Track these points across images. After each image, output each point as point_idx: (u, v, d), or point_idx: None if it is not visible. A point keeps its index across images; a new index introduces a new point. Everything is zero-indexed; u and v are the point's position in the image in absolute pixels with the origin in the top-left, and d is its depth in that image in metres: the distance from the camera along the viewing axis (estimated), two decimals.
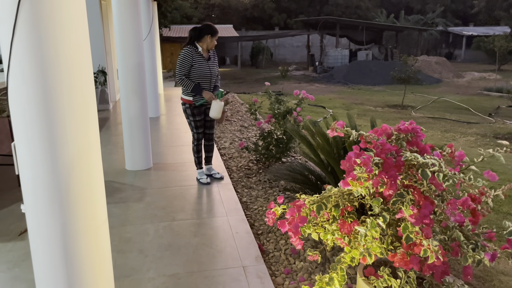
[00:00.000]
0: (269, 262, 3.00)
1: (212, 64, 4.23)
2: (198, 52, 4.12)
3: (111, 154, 5.68)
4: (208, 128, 4.45)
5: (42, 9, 1.51)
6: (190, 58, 4.09)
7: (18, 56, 1.53)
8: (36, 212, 1.66)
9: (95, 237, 1.78)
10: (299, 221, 1.85)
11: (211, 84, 4.25)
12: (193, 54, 4.09)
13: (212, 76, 4.23)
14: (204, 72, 4.14)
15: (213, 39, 4.13)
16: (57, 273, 1.72)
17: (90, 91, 1.74)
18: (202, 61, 4.14)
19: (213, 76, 4.25)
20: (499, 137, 7.90)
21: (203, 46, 4.15)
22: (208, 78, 4.20)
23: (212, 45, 4.15)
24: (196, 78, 4.14)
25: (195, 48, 4.12)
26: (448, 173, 1.76)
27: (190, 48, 4.11)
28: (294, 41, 30.75)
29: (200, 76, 4.14)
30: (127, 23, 4.73)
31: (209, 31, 4.11)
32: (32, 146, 1.61)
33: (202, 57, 4.13)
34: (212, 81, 4.26)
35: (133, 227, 3.46)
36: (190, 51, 4.10)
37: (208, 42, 4.13)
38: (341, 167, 1.96)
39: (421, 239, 1.70)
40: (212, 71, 4.22)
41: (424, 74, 17.86)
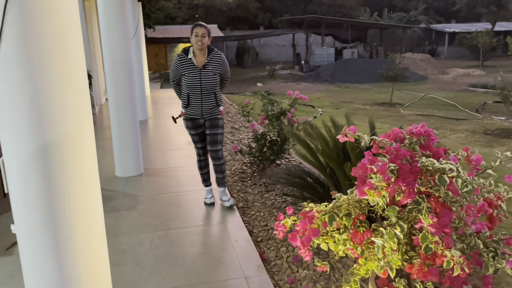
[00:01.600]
0: (271, 271, 2.90)
1: (206, 73, 3.57)
2: (187, 60, 3.57)
3: (100, 160, 5.49)
4: (210, 143, 3.74)
5: (30, 11, 1.37)
6: (176, 67, 3.62)
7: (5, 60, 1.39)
8: (29, 233, 1.52)
9: (93, 256, 1.64)
10: (312, 233, 1.74)
11: (203, 96, 3.60)
12: (180, 62, 3.59)
13: (203, 87, 3.57)
14: (193, 83, 3.55)
15: (195, 37, 3.50)
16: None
17: (85, 98, 1.60)
18: (192, 69, 3.56)
19: (206, 87, 3.58)
20: (489, 133, 7.94)
21: (195, 51, 3.58)
22: (198, 89, 3.57)
23: (197, 45, 3.51)
24: (185, 88, 3.62)
25: (184, 55, 3.59)
26: (467, 179, 1.67)
27: (179, 55, 3.62)
28: (280, 40, 30.68)
29: (189, 87, 3.58)
30: (115, 23, 4.56)
31: (191, 30, 3.57)
32: (22, 161, 1.46)
33: (191, 65, 3.56)
34: (205, 92, 3.59)
35: (127, 237, 3.32)
36: (178, 59, 3.61)
37: (193, 44, 3.56)
38: (353, 174, 1.86)
39: (442, 250, 1.61)
40: (204, 81, 3.56)
41: (410, 71, 17.97)
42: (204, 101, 3.61)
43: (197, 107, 3.62)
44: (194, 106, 3.63)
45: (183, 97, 3.67)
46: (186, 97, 3.63)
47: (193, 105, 3.63)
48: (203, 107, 3.62)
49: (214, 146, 3.74)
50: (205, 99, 3.61)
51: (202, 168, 3.92)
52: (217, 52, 3.66)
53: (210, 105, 3.65)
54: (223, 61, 3.69)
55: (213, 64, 3.61)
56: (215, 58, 3.64)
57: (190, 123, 3.70)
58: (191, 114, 3.67)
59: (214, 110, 3.69)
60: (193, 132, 3.75)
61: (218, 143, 3.73)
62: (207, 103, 3.64)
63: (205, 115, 3.66)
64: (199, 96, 3.59)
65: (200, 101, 3.60)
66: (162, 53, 25.25)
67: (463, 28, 29.98)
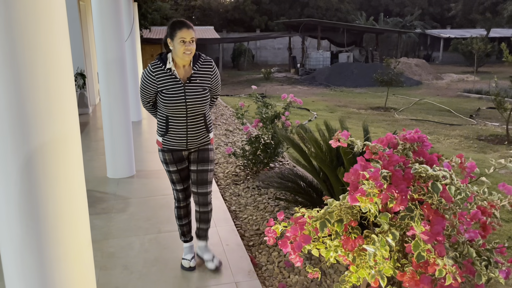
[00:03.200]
0: (262, 277, 2.86)
1: (193, 89, 2.58)
2: (165, 71, 2.57)
3: (92, 161, 5.44)
4: (198, 184, 2.75)
5: (14, 11, 1.33)
6: (150, 82, 2.59)
7: None
8: (11, 239, 1.47)
9: (78, 263, 1.60)
10: (303, 240, 1.71)
11: (189, 120, 2.60)
12: (156, 74, 2.57)
13: (190, 107, 2.57)
14: (174, 102, 2.54)
15: (181, 43, 2.49)
16: None
17: (71, 101, 1.56)
18: (173, 84, 2.56)
19: (193, 107, 2.58)
20: (482, 139, 7.96)
21: (178, 59, 2.57)
22: (182, 111, 2.56)
23: (184, 56, 2.51)
24: (163, 110, 2.61)
25: (161, 64, 2.59)
26: (461, 186, 1.65)
27: (154, 64, 2.60)
28: (276, 43, 30.73)
29: (169, 108, 2.56)
30: (109, 23, 4.52)
31: (168, 31, 2.57)
32: (5, 164, 1.42)
33: (172, 79, 2.56)
34: (192, 115, 2.60)
35: (117, 240, 3.27)
36: (152, 70, 2.58)
37: (177, 53, 2.52)
38: (345, 179, 1.83)
39: (435, 258, 1.58)
40: (190, 100, 2.56)
41: (404, 76, 18.03)
42: (190, 127, 2.62)
43: (180, 135, 2.63)
44: (175, 133, 2.63)
45: (160, 122, 2.68)
46: (165, 122, 2.63)
47: (175, 132, 2.63)
48: (189, 134, 2.64)
49: (202, 188, 2.76)
50: (192, 124, 2.63)
51: (182, 217, 2.91)
52: (206, 60, 2.69)
53: (198, 132, 2.67)
54: (214, 71, 2.71)
55: (201, 76, 2.64)
56: (204, 68, 2.66)
57: (169, 156, 2.69)
58: (172, 144, 2.66)
59: (203, 138, 2.72)
60: (173, 168, 2.72)
61: (208, 183, 2.77)
62: (194, 130, 2.65)
63: (191, 145, 2.68)
64: (183, 120, 2.60)
65: (184, 127, 2.61)
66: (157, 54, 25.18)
67: (458, 34, 30.18)
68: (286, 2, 33.38)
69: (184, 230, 2.95)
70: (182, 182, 2.81)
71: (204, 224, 2.89)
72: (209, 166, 2.77)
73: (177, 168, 2.74)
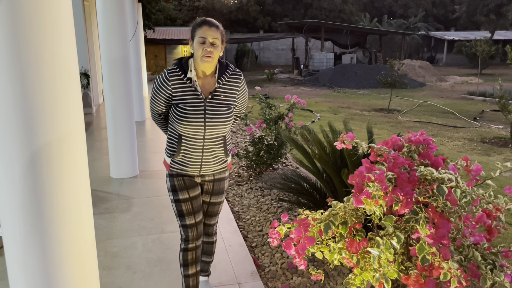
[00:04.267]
0: (265, 278, 2.85)
1: (215, 106, 2.11)
2: (183, 81, 2.10)
3: (95, 160, 5.45)
4: (206, 214, 2.40)
5: (20, 10, 1.33)
6: (164, 90, 2.12)
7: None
8: (15, 238, 1.47)
9: (82, 263, 1.60)
10: (307, 242, 1.70)
11: (206, 143, 2.14)
12: (173, 83, 2.10)
13: (209, 128, 2.10)
14: (192, 120, 2.07)
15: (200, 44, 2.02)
16: None
17: (77, 101, 1.56)
18: (192, 98, 2.09)
19: (213, 128, 2.12)
20: (486, 142, 7.93)
21: (199, 67, 2.10)
22: (200, 132, 2.10)
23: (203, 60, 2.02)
24: (176, 127, 2.13)
25: (179, 72, 2.10)
26: (466, 189, 1.64)
27: (171, 71, 2.12)
28: (279, 44, 30.74)
29: (184, 126, 2.08)
30: (113, 23, 4.53)
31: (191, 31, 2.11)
32: (10, 163, 1.42)
33: (191, 91, 2.10)
34: (210, 137, 2.14)
35: (120, 240, 3.27)
36: (168, 77, 2.10)
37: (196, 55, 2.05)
38: (350, 181, 1.82)
39: (440, 261, 1.57)
40: (211, 119, 2.10)
41: (408, 78, 18.01)
42: (206, 151, 2.16)
43: (193, 158, 2.17)
44: (188, 156, 2.16)
45: (171, 139, 2.21)
46: (177, 141, 2.16)
47: (188, 155, 2.16)
48: (204, 159, 2.18)
49: (210, 220, 2.43)
50: (209, 148, 2.16)
51: (189, 264, 2.30)
52: (235, 72, 2.20)
53: (215, 157, 2.21)
54: (243, 87, 2.24)
55: (227, 92, 2.16)
56: (232, 82, 2.18)
57: (179, 181, 2.22)
58: (182, 168, 2.20)
59: (220, 164, 2.26)
60: (183, 196, 2.22)
61: (218, 214, 2.45)
62: (211, 154, 2.18)
63: (205, 171, 2.22)
64: (199, 142, 2.13)
65: (200, 150, 2.15)
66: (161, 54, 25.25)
67: (462, 36, 30.12)
68: (290, 3, 33.39)
69: (190, 284, 2.31)
70: (194, 214, 2.24)
71: (207, 256, 2.54)
72: (223, 197, 2.40)
73: (189, 195, 2.22)
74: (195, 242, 2.28)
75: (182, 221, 2.24)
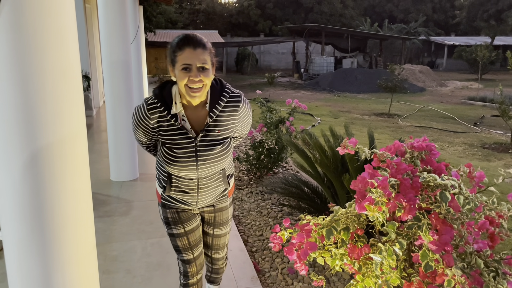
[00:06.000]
0: (265, 283, 2.84)
1: (209, 144, 1.76)
2: (165, 116, 1.73)
3: (95, 163, 5.43)
4: (213, 249, 2.12)
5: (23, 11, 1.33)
6: (142, 126, 1.79)
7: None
8: (15, 242, 1.46)
9: (82, 267, 1.59)
10: (309, 247, 1.69)
11: (201, 181, 1.84)
12: (152, 118, 1.74)
13: (201, 168, 1.79)
14: (179, 162, 1.76)
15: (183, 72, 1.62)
16: None
17: (79, 102, 1.55)
18: (179, 136, 1.75)
19: (208, 166, 1.80)
20: (486, 147, 7.93)
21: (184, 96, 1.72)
22: (192, 171, 1.79)
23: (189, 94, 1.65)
24: (165, 165, 1.82)
25: (159, 106, 1.73)
26: (469, 196, 1.63)
27: (149, 104, 1.73)
28: (280, 47, 30.78)
29: (171, 166, 1.79)
30: (114, 26, 4.53)
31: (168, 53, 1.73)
32: (10, 165, 1.41)
33: (176, 129, 1.74)
34: (204, 176, 1.83)
35: (120, 244, 3.26)
36: (146, 112, 1.74)
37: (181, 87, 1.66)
38: (352, 187, 1.81)
39: (443, 268, 1.56)
40: (204, 159, 1.77)
41: (408, 83, 18.03)
42: (203, 187, 1.87)
43: (188, 196, 1.89)
44: (181, 194, 1.88)
45: (160, 173, 1.92)
46: (166, 178, 1.86)
47: (180, 192, 1.88)
48: (201, 196, 1.89)
49: (217, 253, 2.13)
50: (206, 185, 1.88)
51: None
52: (232, 97, 1.82)
53: (213, 191, 1.92)
54: (243, 112, 1.86)
55: (223, 123, 1.79)
56: (229, 109, 1.80)
57: (173, 215, 1.93)
58: (175, 203, 1.92)
59: (221, 193, 1.97)
60: (178, 230, 1.94)
61: (226, 246, 2.16)
62: (209, 189, 1.90)
63: (203, 203, 1.94)
64: (193, 182, 1.84)
65: (195, 189, 1.86)
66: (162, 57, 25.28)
67: (462, 41, 30.17)
68: (290, 7, 33.47)
69: None
70: (191, 249, 1.96)
71: (216, 275, 2.28)
72: (229, 227, 2.09)
73: (184, 230, 1.92)
74: (196, 277, 2.03)
75: (179, 255, 1.99)
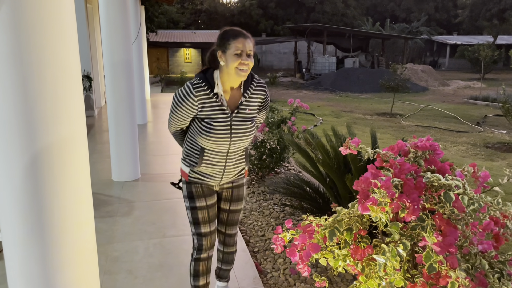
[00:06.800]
0: (267, 284, 2.82)
1: (241, 120, 2.06)
2: (209, 95, 1.99)
3: (97, 163, 5.43)
4: (228, 225, 2.34)
5: (22, 10, 1.32)
6: (187, 106, 2.01)
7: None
8: (14, 242, 1.45)
9: (82, 268, 1.57)
10: (312, 249, 1.67)
11: (229, 155, 2.11)
12: (198, 98, 1.98)
13: (234, 141, 2.06)
14: (216, 135, 2.01)
15: (235, 56, 1.91)
16: None
17: (78, 103, 1.54)
18: (218, 112, 2.02)
19: (239, 141, 2.08)
20: (489, 147, 7.89)
21: (227, 80, 2.00)
22: (224, 145, 2.06)
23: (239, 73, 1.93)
24: (199, 141, 2.05)
25: (204, 86, 1.99)
26: (474, 196, 1.61)
27: (196, 85, 1.98)
28: (281, 47, 30.78)
29: (208, 140, 2.02)
30: (116, 26, 4.52)
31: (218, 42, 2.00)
32: (10, 166, 1.40)
33: (217, 105, 2.01)
34: (233, 150, 2.11)
35: (121, 244, 3.24)
36: (193, 92, 1.98)
37: (230, 69, 1.94)
38: (354, 187, 1.79)
39: (447, 270, 1.54)
40: (237, 133, 2.05)
41: (411, 82, 17.99)
42: (229, 163, 2.14)
43: (215, 170, 2.13)
44: (211, 166, 2.12)
45: (191, 151, 2.14)
46: (199, 154, 2.10)
47: (210, 167, 2.12)
48: (227, 170, 2.15)
49: (231, 229, 2.36)
50: (232, 159, 2.14)
51: (200, 275, 2.29)
52: (260, 84, 2.13)
53: (236, 167, 2.19)
54: (267, 98, 2.21)
55: (251, 105, 2.10)
56: (257, 94, 2.12)
57: (198, 189, 2.16)
58: (204, 177, 2.15)
59: (240, 171, 2.24)
60: (201, 203, 2.17)
61: (238, 223, 2.38)
62: (234, 165, 2.17)
63: (225, 180, 2.20)
64: (222, 156, 2.10)
65: (223, 163, 2.12)
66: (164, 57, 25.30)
67: (464, 41, 30.10)
68: (292, 7, 33.45)
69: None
70: (209, 223, 2.20)
71: (227, 265, 2.50)
72: (243, 204, 2.35)
73: (206, 203, 2.17)
74: (208, 252, 2.24)
75: (197, 229, 2.19)
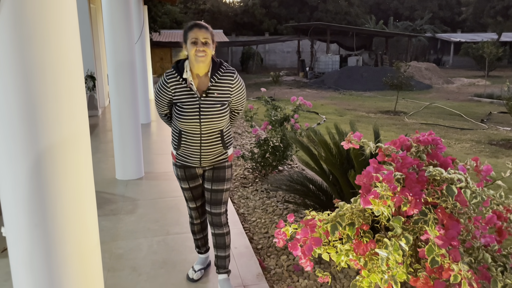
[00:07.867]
0: (271, 280, 2.83)
1: (209, 103, 2.32)
2: (179, 81, 2.32)
3: (101, 162, 5.45)
4: (211, 203, 2.53)
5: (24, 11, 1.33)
6: (164, 92, 2.38)
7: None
8: (18, 239, 1.46)
9: (86, 264, 1.58)
10: (313, 243, 1.68)
11: (203, 137, 2.36)
12: (171, 84, 2.34)
13: (204, 124, 2.32)
14: (188, 117, 2.31)
15: (192, 44, 2.24)
16: None
17: (81, 102, 1.55)
18: (188, 97, 2.33)
19: (208, 124, 2.33)
20: (494, 144, 7.85)
21: (193, 67, 2.31)
22: (196, 127, 2.33)
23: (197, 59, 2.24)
24: (176, 123, 2.39)
25: (176, 73, 2.34)
26: (476, 190, 1.61)
27: (168, 73, 2.36)
28: (285, 46, 30.73)
29: (182, 122, 2.33)
30: (119, 26, 4.53)
31: (184, 36, 2.32)
32: (14, 163, 1.41)
33: (186, 91, 2.32)
34: (206, 132, 2.36)
35: (125, 242, 3.26)
36: (166, 80, 2.35)
37: (190, 56, 2.27)
38: (357, 182, 1.80)
39: (449, 263, 1.54)
40: (206, 115, 2.31)
41: (414, 80, 17.91)
42: (204, 144, 2.39)
43: (193, 151, 2.42)
44: (188, 149, 2.42)
45: (173, 134, 2.49)
46: (177, 136, 2.43)
47: (188, 148, 2.42)
48: (203, 152, 2.41)
49: (215, 208, 2.53)
50: (207, 141, 2.39)
51: (196, 233, 2.77)
52: (228, 70, 2.38)
53: (213, 150, 2.42)
54: (237, 83, 2.41)
55: (220, 89, 2.35)
56: (224, 79, 2.36)
57: (181, 172, 2.52)
58: (184, 160, 2.47)
59: (219, 156, 2.48)
60: (185, 185, 2.56)
61: (222, 203, 2.54)
62: (210, 147, 2.41)
63: (205, 163, 2.46)
64: (197, 137, 2.37)
65: (198, 144, 2.39)
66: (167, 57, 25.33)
67: (468, 38, 29.94)
68: (295, 5, 33.40)
69: (199, 243, 2.83)
70: (194, 200, 2.63)
71: (221, 250, 2.59)
72: (225, 186, 2.52)
73: (189, 186, 2.55)
74: (198, 220, 2.74)
75: (187, 203, 2.70)
